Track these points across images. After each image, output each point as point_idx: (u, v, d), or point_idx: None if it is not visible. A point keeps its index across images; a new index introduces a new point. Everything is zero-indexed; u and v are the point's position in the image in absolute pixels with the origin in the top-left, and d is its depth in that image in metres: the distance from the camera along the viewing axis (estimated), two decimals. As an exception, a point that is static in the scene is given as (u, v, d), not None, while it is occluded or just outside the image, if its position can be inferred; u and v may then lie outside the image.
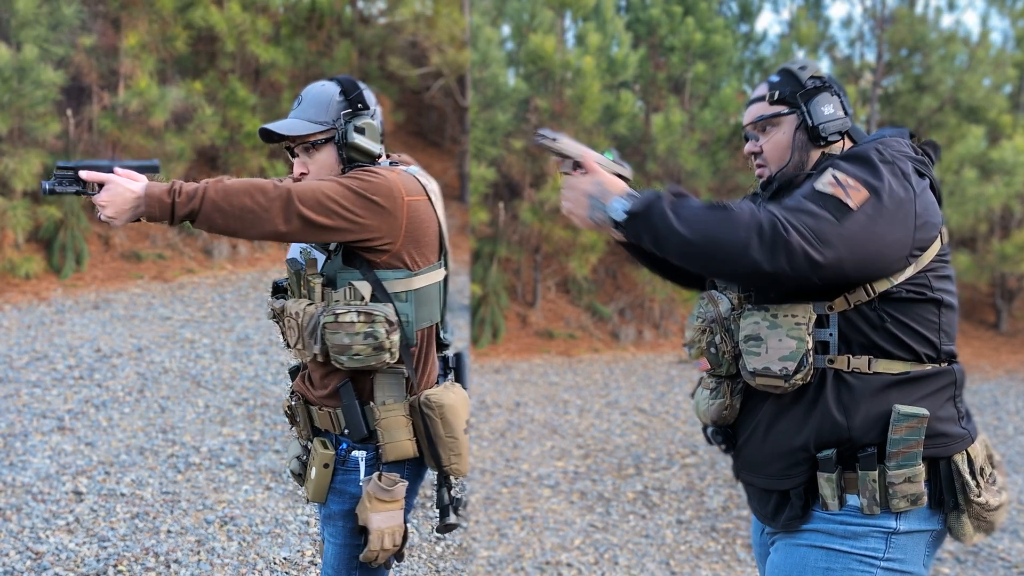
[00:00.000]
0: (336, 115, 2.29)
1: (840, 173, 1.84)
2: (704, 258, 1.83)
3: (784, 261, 1.75)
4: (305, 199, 2.09)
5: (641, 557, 4.32)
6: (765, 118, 2.08)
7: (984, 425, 7.00)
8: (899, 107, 10.47)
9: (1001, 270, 10.35)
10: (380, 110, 2.39)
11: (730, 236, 1.77)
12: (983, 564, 4.41)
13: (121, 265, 8.32)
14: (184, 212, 2.04)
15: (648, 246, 1.89)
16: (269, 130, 2.29)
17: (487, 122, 8.96)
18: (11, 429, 4.92)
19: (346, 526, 2.30)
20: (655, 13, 9.68)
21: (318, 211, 2.10)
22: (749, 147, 2.13)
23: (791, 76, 2.08)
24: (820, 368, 1.92)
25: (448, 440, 2.26)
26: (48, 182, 2.12)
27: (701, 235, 1.80)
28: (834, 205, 1.79)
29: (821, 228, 1.76)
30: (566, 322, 9.30)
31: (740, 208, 1.81)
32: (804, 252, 1.74)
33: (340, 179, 2.18)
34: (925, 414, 1.86)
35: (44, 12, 7.92)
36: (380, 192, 2.17)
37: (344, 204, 2.13)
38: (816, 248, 1.75)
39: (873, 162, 1.87)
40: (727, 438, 2.09)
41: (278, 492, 4.41)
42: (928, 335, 1.91)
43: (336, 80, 2.34)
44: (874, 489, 1.88)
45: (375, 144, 2.31)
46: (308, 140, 2.30)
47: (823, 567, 1.93)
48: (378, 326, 2.17)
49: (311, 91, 2.34)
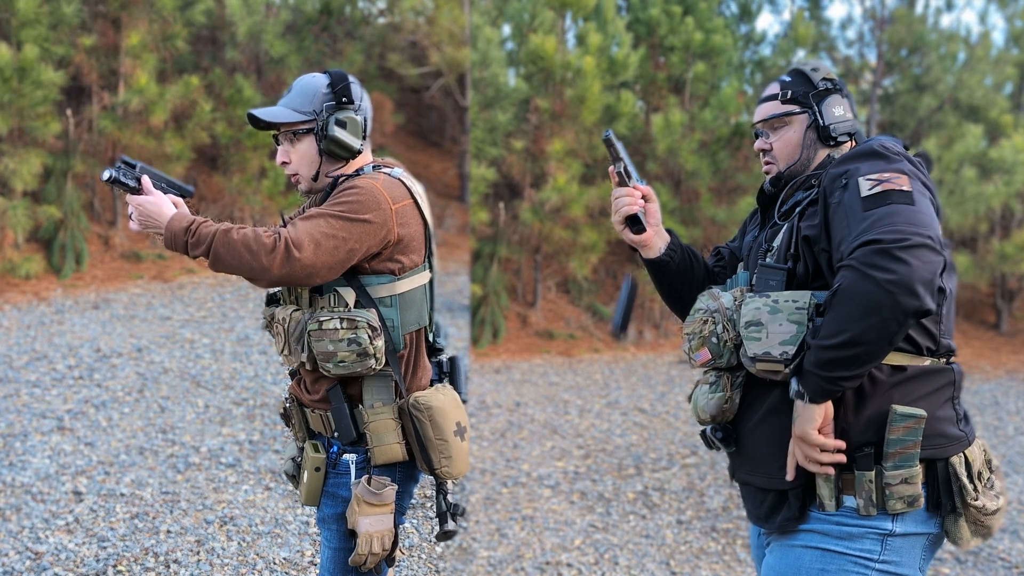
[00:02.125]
0: (319, 106, 2.29)
1: (872, 174, 1.86)
2: (875, 342, 1.77)
3: (928, 269, 1.73)
4: (303, 248, 2.10)
5: (641, 557, 4.31)
6: (776, 116, 2.12)
7: (984, 425, 7.00)
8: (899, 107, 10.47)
9: (1001, 270, 10.34)
10: (370, 107, 2.38)
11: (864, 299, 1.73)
12: (983, 564, 4.40)
13: (121, 265, 8.31)
14: (195, 254, 2.15)
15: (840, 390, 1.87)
16: (255, 115, 2.31)
17: (487, 122, 8.96)
18: (11, 429, 4.92)
19: (339, 530, 2.30)
20: (655, 13, 9.68)
21: (317, 255, 2.12)
22: (759, 144, 2.16)
23: (803, 76, 2.11)
24: None
25: (438, 442, 2.24)
26: (112, 170, 2.22)
27: (845, 341, 1.77)
28: (895, 197, 1.81)
29: (911, 219, 1.76)
30: (566, 322, 9.30)
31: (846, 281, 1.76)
32: (925, 245, 1.73)
33: (327, 210, 2.17)
34: (923, 415, 1.86)
35: (44, 12, 7.92)
36: (368, 208, 2.17)
37: (339, 236, 2.14)
38: (923, 235, 1.74)
39: (885, 154, 1.91)
40: (727, 435, 2.08)
41: (278, 492, 4.41)
42: (928, 325, 1.91)
43: (328, 72, 2.34)
44: (871, 490, 1.87)
45: (355, 139, 2.29)
46: (290, 129, 2.30)
47: (818, 568, 1.93)
48: (361, 332, 2.16)
49: (301, 81, 2.35)
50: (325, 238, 2.12)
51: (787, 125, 2.11)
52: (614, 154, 2.16)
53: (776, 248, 2.02)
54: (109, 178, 2.21)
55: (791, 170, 2.10)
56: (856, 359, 1.78)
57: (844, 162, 1.94)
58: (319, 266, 2.12)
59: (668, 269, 2.24)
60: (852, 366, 1.79)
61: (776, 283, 1.96)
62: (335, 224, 2.14)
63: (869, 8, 10.55)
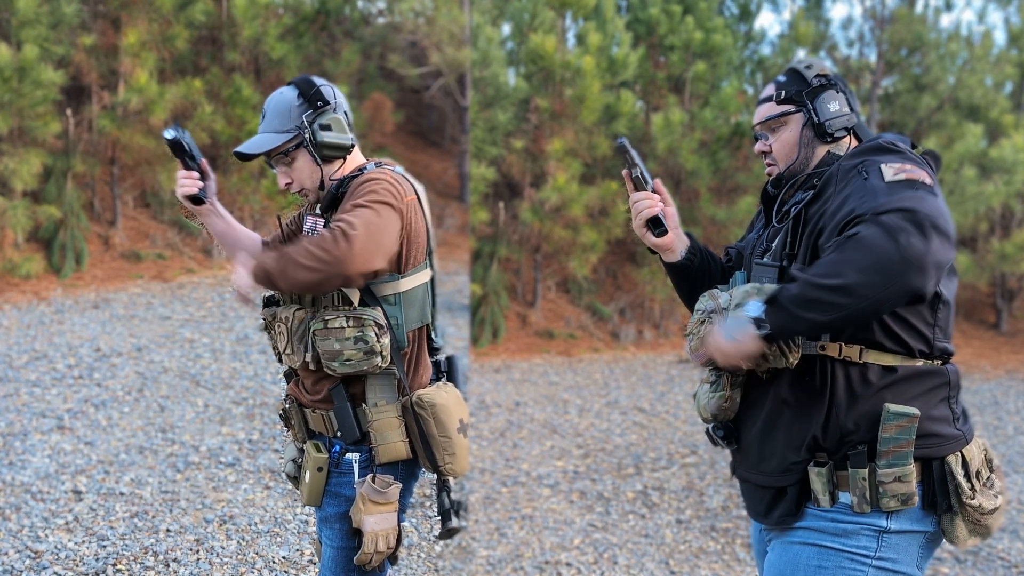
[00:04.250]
0: (299, 119, 2.28)
1: (894, 163, 1.87)
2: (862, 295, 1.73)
3: (945, 257, 1.75)
4: (361, 239, 2.09)
5: (640, 557, 4.31)
6: (773, 117, 2.12)
7: (984, 425, 7.00)
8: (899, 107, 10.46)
9: (1001, 270, 10.33)
10: (344, 99, 2.37)
11: (878, 257, 1.71)
12: (983, 564, 4.41)
13: (121, 265, 8.32)
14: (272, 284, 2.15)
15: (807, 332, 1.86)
16: (241, 152, 2.30)
17: (487, 122, 8.96)
18: (11, 428, 4.92)
19: (342, 529, 2.30)
20: (654, 12, 9.68)
21: (376, 253, 2.12)
22: (759, 147, 2.16)
23: (797, 75, 2.11)
24: (812, 355, 1.91)
25: (442, 439, 2.25)
26: (178, 131, 2.32)
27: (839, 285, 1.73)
28: (919, 185, 1.82)
29: (938, 208, 1.78)
30: (566, 322, 9.30)
31: (857, 237, 1.75)
32: (949, 236, 1.76)
33: (365, 204, 2.15)
34: (916, 413, 1.86)
35: (44, 12, 7.92)
36: (395, 195, 2.19)
37: (393, 224, 2.17)
38: (949, 227, 1.77)
39: (898, 150, 1.93)
40: (728, 433, 2.09)
41: (277, 491, 4.41)
42: (922, 329, 1.92)
43: (292, 84, 2.33)
44: (864, 487, 1.88)
45: (344, 136, 2.30)
46: (279, 151, 2.29)
47: (815, 564, 1.93)
48: (368, 330, 2.16)
49: (271, 102, 2.33)
50: (383, 236, 2.14)
51: (784, 126, 2.11)
52: (629, 160, 2.13)
53: (774, 248, 2.03)
54: (172, 138, 2.31)
55: (791, 169, 2.10)
56: (837, 308, 1.73)
57: (858, 155, 1.96)
58: (377, 249, 2.12)
59: (689, 272, 2.23)
60: (828, 312, 1.74)
61: (768, 280, 1.96)
62: (383, 217, 2.15)
63: (869, 8, 10.54)
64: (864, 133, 2.11)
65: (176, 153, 2.32)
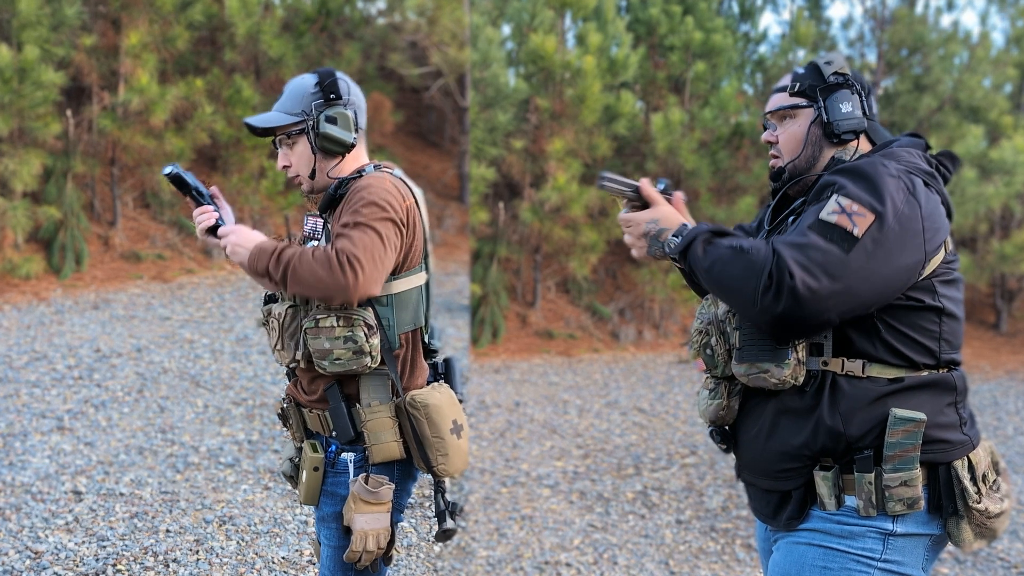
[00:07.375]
0: (308, 105, 2.30)
1: (845, 199, 1.82)
2: (726, 301, 1.92)
3: (790, 304, 1.77)
4: (366, 270, 2.10)
5: (640, 557, 4.32)
6: (783, 108, 2.10)
7: (984, 425, 7.00)
8: (899, 107, 10.46)
9: (1001, 270, 10.33)
10: (362, 100, 2.38)
11: (742, 284, 1.82)
12: (983, 564, 4.40)
13: (121, 265, 8.32)
14: (276, 276, 2.16)
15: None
16: (251, 123, 2.34)
17: (487, 122, 8.96)
18: (11, 429, 4.92)
19: (339, 528, 2.31)
20: (655, 13, 9.68)
21: (379, 281, 2.14)
22: (765, 136, 2.15)
23: (815, 70, 2.07)
24: (815, 371, 1.92)
25: (434, 440, 2.25)
26: (175, 167, 2.31)
27: (717, 282, 1.88)
28: (840, 235, 1.79)
29: (829, 261, 1.77)
30: (566, 322, 9.30)
31: (756, 250, 1.82)
32: (808, 289, 1.76)
33: (367, 224, 2.14)
34: (922, 419, 1.86)
35: (46, 13, 7.92)
36: (395, 205, 2.20)
37: (393, 242, 2.18)
38: (821, 281, 1.76)
39: (877, 181, 1.83)
40: (725, 438, 2.10)
41: (277, 492, 4.41)
42: (927, 344, 1.91)
43: (316, 71, 2.36)
44: (870, 491, 1.88)
45: (347, 133, 2.30)
46: (284, 131, 2.32)
47: (820, 565, 1.93)
48: (357, 330, 2.17)
49: (291, 84, 2.37)
50: (382, 250, 2.14)
51: (793, 118, 2.08)
52: (622, 195, 2.08)
53: None
54: (173, 175, 2.31)
55: (793, 165, 2.07)
56: (705, 284, 1.92)
57: (840, 172, 1.90)
58: (380, 276, 2.14)
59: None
60: (699, 280, 1.93)
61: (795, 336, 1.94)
62: (383, 236, 2.15)
63: (869, 8, 10.55)
64: (878, 136, 2.07)
65: (180, 188, 2.32)
